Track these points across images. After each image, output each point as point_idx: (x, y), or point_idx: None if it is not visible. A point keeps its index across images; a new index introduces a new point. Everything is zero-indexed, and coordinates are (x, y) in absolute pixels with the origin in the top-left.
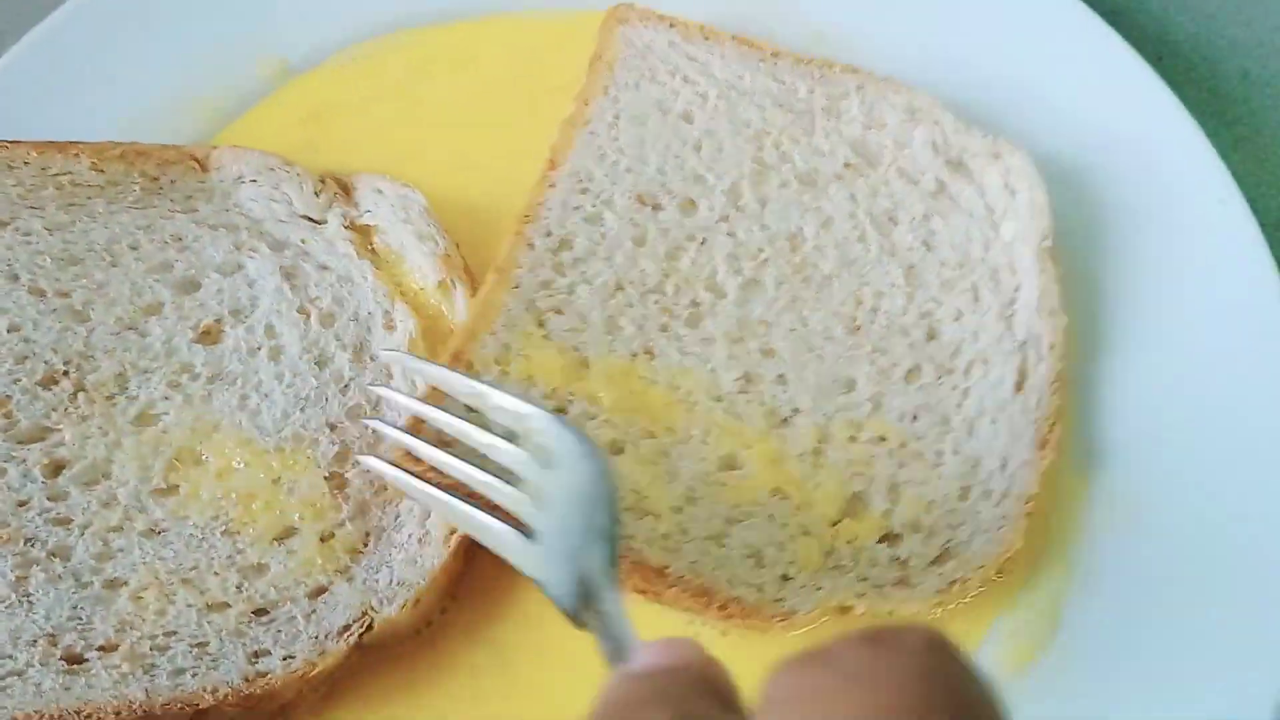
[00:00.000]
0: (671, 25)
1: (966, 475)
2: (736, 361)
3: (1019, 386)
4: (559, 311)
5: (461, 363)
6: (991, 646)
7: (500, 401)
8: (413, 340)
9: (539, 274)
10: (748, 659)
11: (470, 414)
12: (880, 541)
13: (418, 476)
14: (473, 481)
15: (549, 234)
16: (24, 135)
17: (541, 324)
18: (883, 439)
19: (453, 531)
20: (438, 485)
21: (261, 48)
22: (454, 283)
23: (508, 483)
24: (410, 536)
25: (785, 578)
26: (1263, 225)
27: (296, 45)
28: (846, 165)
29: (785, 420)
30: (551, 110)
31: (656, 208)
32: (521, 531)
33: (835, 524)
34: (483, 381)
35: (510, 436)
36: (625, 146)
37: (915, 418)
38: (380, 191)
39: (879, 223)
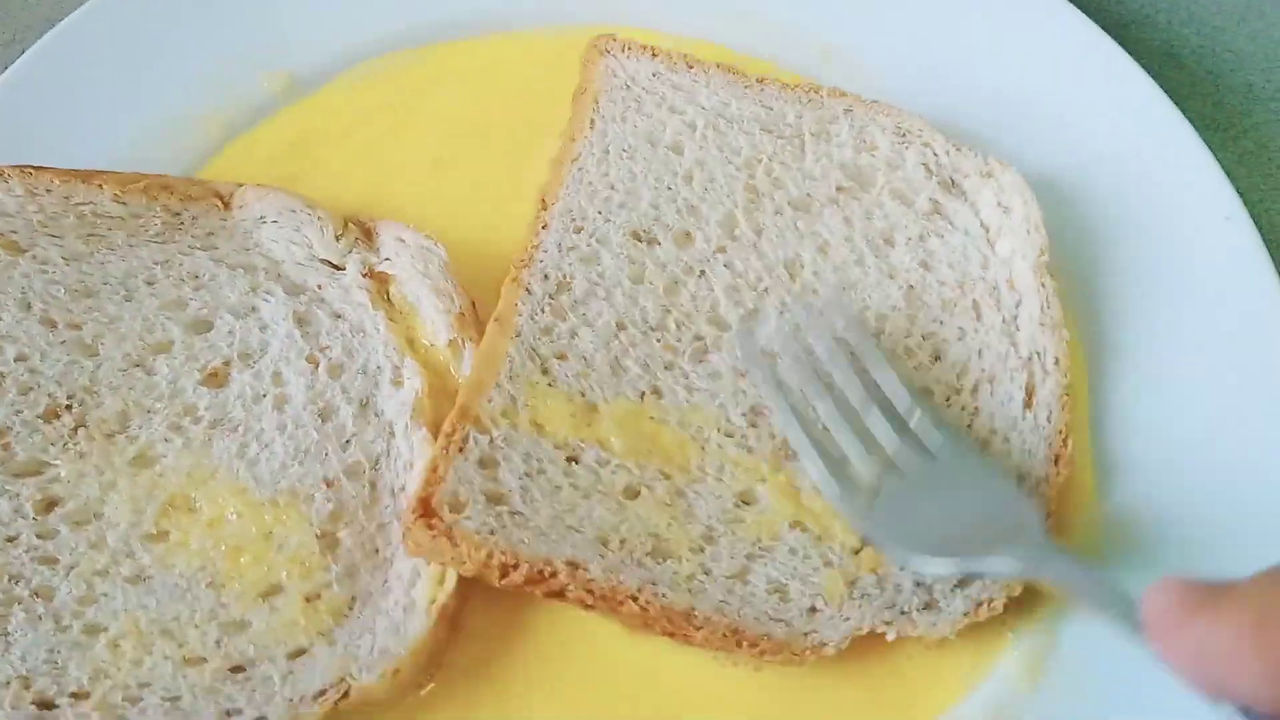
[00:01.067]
0: (655, 55)
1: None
2: (744, 395)
3: (1028, 403)
4: (563, 357)
5: (469, 418)
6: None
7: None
8: (419, 398)
9: (539, 320)
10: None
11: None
12: (903, 568)
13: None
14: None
15: (546, 277)
16: (29, 149)
17: (546, 371)
18: None
19: (434, 601)
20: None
21: (268, 63)
22: (464, 342)
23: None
24: (396, 604)
25: (812, 610)
26: (1268, 241)
27: (303, 60)
28: (839, 189)
29: (797, 454)
30: (545, 128)
31: (652, 242)
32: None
33: (857, 552)
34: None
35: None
36: (616, 181)
37: None
38: (402, 240)
39: (875, 245)
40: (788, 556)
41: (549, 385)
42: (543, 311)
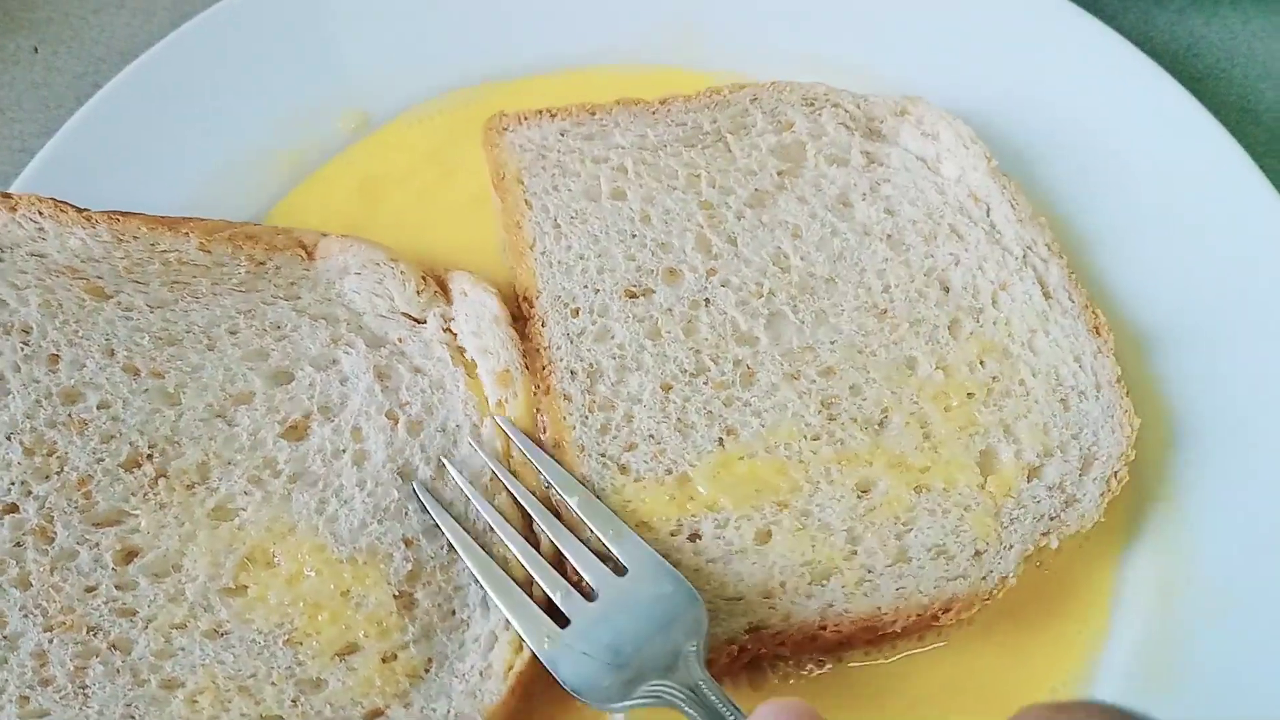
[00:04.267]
0: (553, 115)
1: (1054, 387)
2: (808, 395)
3: (1045, 293)
4: (632, 447)
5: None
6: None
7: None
8: (498, 459)
9: (591, 423)
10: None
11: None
12: (1029, 480)
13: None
14: (532, 560)
15: (573, 373)
16: (105, 182)
17: (625, 469)
18: (970, 394)
19: (511, 667)
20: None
21: (343, 102)
22: (507, 401)
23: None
24: (472, 667)
25: (977, 554)
26: None
27: (377, 99)
28: (779, 173)
29: (881, 424)
30: None
31: (647, 293)
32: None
33: (983, 487)
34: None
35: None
36: (583, 250)
37: (982, 363)
38: (465, 294)
39: (838, 211)
40: (930, 519)
41: (635, 481)
42: (590, 413)
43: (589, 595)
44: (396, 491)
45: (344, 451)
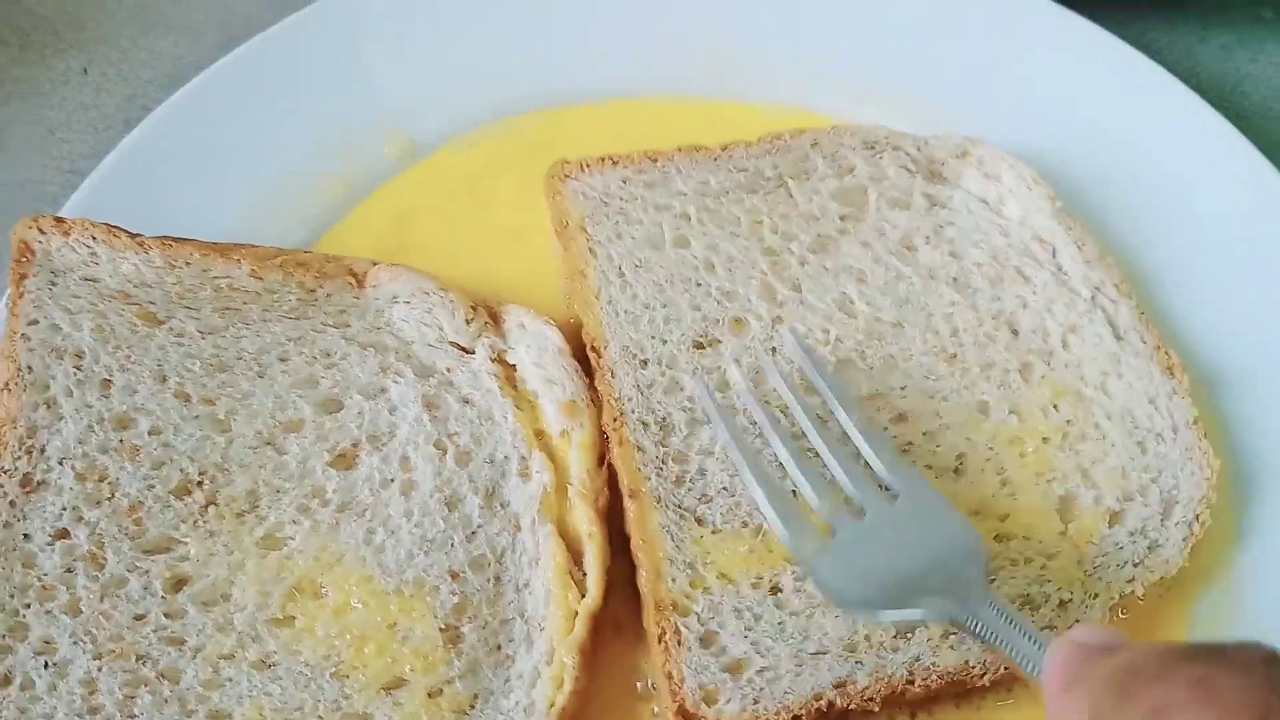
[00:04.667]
0: (615, 163)
1: (1131, 430)
2: (881, 438)
3: (1116, 335)
4: (708, 500)
5: (665, 610)
6: None
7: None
8: (546, 493)
9: (667, 474)
10: None
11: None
12: (1111, 526)
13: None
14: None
15: (645, 425)
16: (155, 205)
17: (701, 521)
18: (1045, 439)
19: (554, 705)
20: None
21: (388, 127)
22: (573, 431)
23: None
24: (517, 704)
25: (1061, 604)
26: None
27: (423, 124)
28: (841, 218)
29: (958, 470)
30: None
31: (714, 343)
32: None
33: (1064, 534)
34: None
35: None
36: (649, 300)
37: (1055, 407)
38: (523, 326)
39: (902, 255)
40: (1013, 569)
41: (713, 533)
42: (665, 464)
43: (858, 514)
44: (444, 522)
45: (392, 481)
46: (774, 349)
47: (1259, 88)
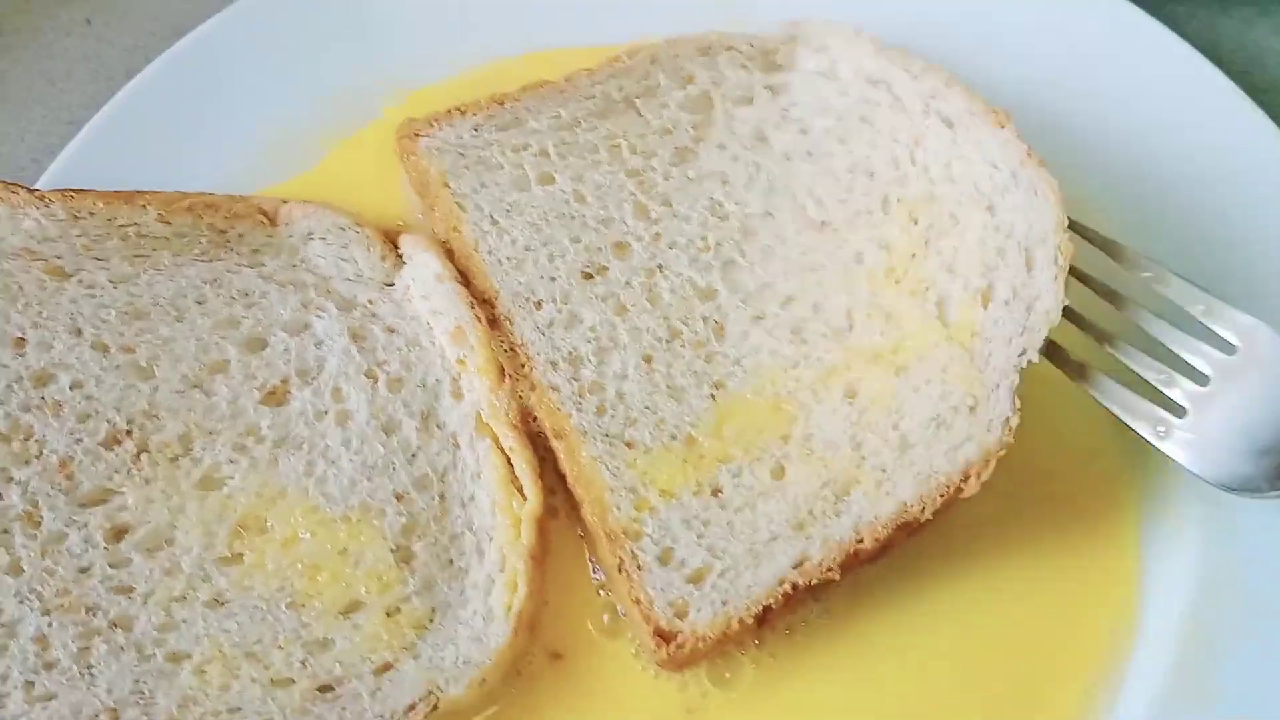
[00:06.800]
0: (464, 113)
1: (978, 199)
2: (777, 329)
3: (950, 125)
4: (632, 422)
5: (618, 539)
6: None
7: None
8: (480, 412)
9: (586, 407)
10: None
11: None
12: (986, 307)
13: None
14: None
15: (555, 365)
16: (153, 156)
17: (631, 444)
18: (913, 255)
19: (511, 607)
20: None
21: (388, 81)
22: (467, 356)
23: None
24: (475, 613)
25: (971, 409)
26: None
27: (421, 79)
28: (694, 127)
29: (851, 327)
30: None
31: (601, 271)
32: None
33: (950, 338)
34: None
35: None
36: (527, 241)
37: (915, 221)
38: (411, 257)
39: (756, 148)
40: (917, 396)
41: (645, 453)
42: (582, 398)
43: (1200, 382)
44: (383, 448)
45: (326, 413)
46: (660, 266)
47: (1278, 61)
